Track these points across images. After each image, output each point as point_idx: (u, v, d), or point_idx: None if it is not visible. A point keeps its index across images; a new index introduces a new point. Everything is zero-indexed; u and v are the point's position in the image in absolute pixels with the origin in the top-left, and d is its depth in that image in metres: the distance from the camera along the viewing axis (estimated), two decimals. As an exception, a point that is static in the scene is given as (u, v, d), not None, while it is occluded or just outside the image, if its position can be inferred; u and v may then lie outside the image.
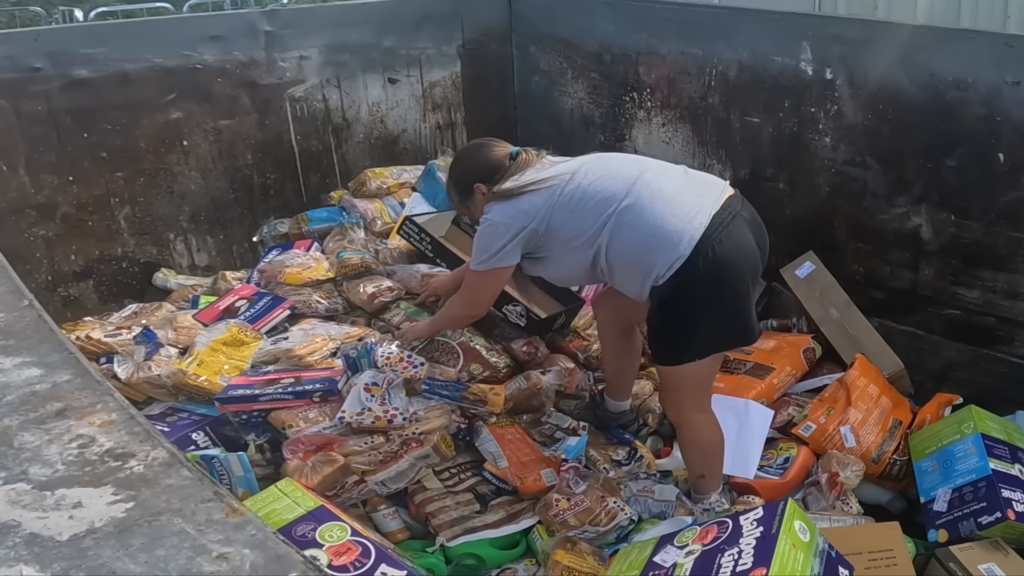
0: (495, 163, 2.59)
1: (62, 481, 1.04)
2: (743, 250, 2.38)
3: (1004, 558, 2.39)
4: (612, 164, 2.53)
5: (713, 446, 2.67)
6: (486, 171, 2.59)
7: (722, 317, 2.43)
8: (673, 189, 2.41)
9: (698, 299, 2.37)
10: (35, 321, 1.43)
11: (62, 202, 3.52)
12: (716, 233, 2.32)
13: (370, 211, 3.75)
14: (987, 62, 3.01)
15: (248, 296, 3.26)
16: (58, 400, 1.20)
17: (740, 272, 2.39)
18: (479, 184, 2.59)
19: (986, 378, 3.24)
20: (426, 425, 2.58)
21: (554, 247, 2.50)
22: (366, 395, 2.58)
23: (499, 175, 2.55)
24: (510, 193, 2.49)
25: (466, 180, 2.64)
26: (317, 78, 4.04)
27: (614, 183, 2.42)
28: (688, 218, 2.34)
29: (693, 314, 2.40)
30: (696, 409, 2.60)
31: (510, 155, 2.59)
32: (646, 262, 2.36)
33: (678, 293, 2.35)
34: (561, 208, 2.44)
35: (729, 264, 2.35)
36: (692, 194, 2.41)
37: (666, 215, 2.35)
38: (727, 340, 2.54)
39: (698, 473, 2.72)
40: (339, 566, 1.97)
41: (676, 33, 3.89)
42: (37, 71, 3.37)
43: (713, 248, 2.31)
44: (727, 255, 2.33)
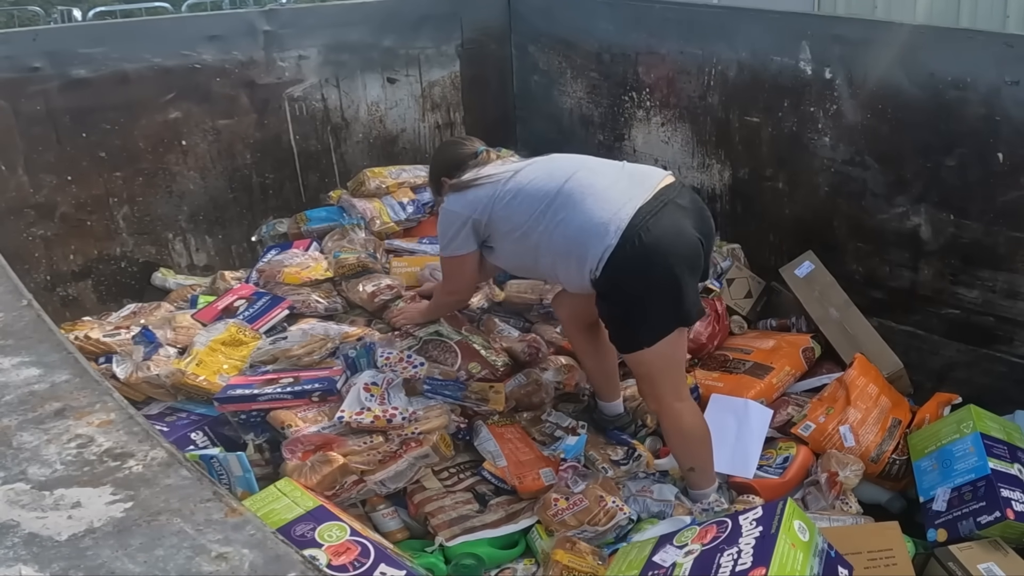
0: (460, 159, 2.80)
1: (61, 481, 1.04)
2: (673, 235, 2.45)
3: (1003, 558, 2.39)
4: (553, 164, 2.67)
5: (697, 434, 2.71)
6: (451, 166, 2.80)
7: (658, 302, 2.49)
8: (604, 184, 2.53)
9: (630, 286, 2.47)
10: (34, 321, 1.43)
11: (61, 202, 3.52)
12: (643, 221, 2.41)
13: (369, 211, 3.75)
14: (986, 62, 3.01)
15: (247, 296, 3.26)
16: (57, 400, 1.20)
17: (670, 257, 2.45)
18: (444, 178, 2.79)
19: (985, 378, 3.23)
20: (425, 425, 2.58)
21: (498, 238, 2.65)
22: (365, 395, 2.58)
23: (461, 171, 2.74)
24: (460, 186, 2.67)
25: (436, 174, 2.89)
26: (316, 78, 4.04)
27: (549, 181, 2.56)
28: (615, 210, 2.44)
29: (629, 301, 2.49)
30: (673, 397, 2.66)
31: (474, 152, 2.81)
32: (578, 254, 2.46)
33: (613, 282, 2.45)
34: (499, 201, 2.59)
35: (657, 250, 2.42)
36: (622, 187, 2.52)
37: (594, 209, 2.46)
38: (667, 324, 2.56)
39: (687, 466, 2.75)
40: (338, 566, 1.97)
41: (675, 33, 3.89)
42: (36, 71, 3.36)
43: (640, 236, 2.39)
44: (655, 241, 2.41)
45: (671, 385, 2.65)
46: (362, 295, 3.21)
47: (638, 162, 4.13)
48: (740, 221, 3.91)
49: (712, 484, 2.74)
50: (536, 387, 2.94)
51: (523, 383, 2.94)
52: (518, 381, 2.95)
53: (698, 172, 3.97)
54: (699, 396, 3.14)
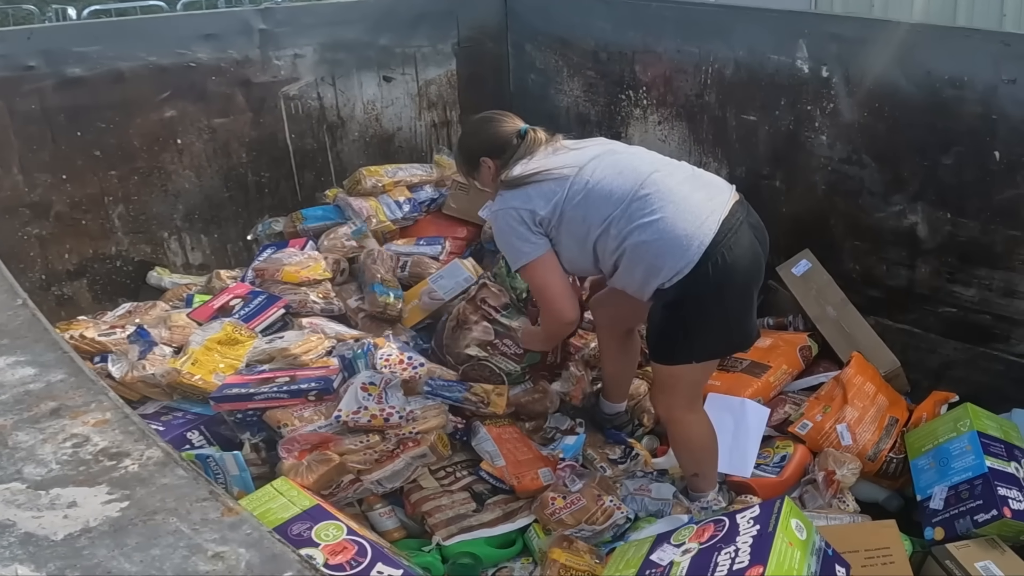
0: (503, 139, 2.56)
1: (57, 480, 1.03)
2: (749, 257, 2.38)
3: (1000, 556, 2.39)
4: (621, 161, 2.48)
5: (704, 445, 2.67)
6: (494, 146, 2.56)
7: (725, 322, 2.43)
8: (684, 190, 2.38)
9: (704, 303, 2.37)
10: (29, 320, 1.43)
11: (56, 201, 3.51)
12: (725, 239, 2.31)
13: (365, 209, 3.75)
14: (983, 60, 3.01)
15: (242, 295, 3.25)
16: (52, 399, 1.19)
17: (746, 278, 2.40)
18: (485, 158, 2.57)
19: (982, 376, 3.23)
20: (423, 424, 2.58)
21: (563, 238, 2.46)
22: (363, 394, 2.57)
23: (507, 153, 2.53)
24: (518, 181, 2.45)
25: (473, 153, 2.62)
26: (312, 76, 4.03)
27: (622, 181, 2.39)
28: (699, 223, 2.32)
29: (697, 317, 2.39)
30: (686, 409, 2.60)
31: (518, 132, 2.56)
32: (654, 264, 2.34)
33: (685, 296, 2.34)
34: (570, 201, 2.40)
35: (737, 270, 2.34)
36: (701, 196, 2.39)
37: (676, 218, 2.32)
38: (727, 345, 2.56)
39: (691, 472, 2.72)
40: (335, 565, 1.97)
41: (672, 31, 3.89)
42: (30, 69, 3.35)
43: (723, 254, 2.30)
44: (735, 262, 2.33)
45: (689, 398, 2.61)
46: None
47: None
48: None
49: (713, 487, 2.74)
50: (542, 395, 2.93)
51: (529, 389, 2.93)
52: (524, 387, 2.94)
53: (695, 171, 3.97)
54: (696, 395, 3.14)
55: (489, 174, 2.58)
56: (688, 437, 2.66)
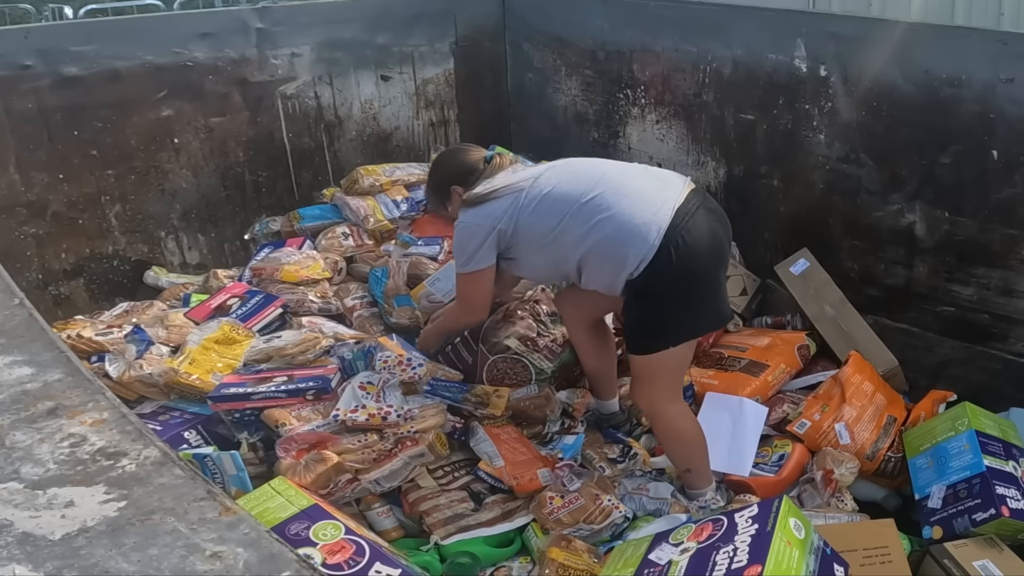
0: (470, 166, 2.71)
1: (54, 480, 1.03)
2: (709, 238, 2.46)
3: (999, 555, 2.39)
4: (574, 167, 2.62)
5: (692, 436, 2.70)
6: (462, 173, 2.70)
7: (696, 303, 2.50)
8: (636, 185, 2.49)
9: (672, 288, 2.44)
10: (26, 320, 1.42)
11: (52, 200, 3.50)
12: (683, 223, 2.40)
13: (363, 209, 3.74)
14: (981, 59, 3.01)
15: (240, 294, 3.25)
16: (49, 399, 1.19)
17: (709, 259, 2.49)
18: (456, 186, 2.70)
19: (981, 375, 3.24)
20: (421, 424, 2.57)
21: (521, 247, 2.58)
22: (361, 393, 2.57)
23: (474, 177, 2.67)
24: (478, 199, 2.58)
25: (444, 183, 2.75)
26: (309, 75, 4.03)
27: (576, 184, 2.51)
28: (655, 210, 2.41)
29: (668, 302, 2.46)
30: (669, 400, 2.64)
31: (484, 159, 2.71)
32: (618, 256, 2.42)
33: (652, 283, 2.42)
34: (524, 209, 2.52)
35: (698, 252, 2.42)
36: (655, 187, 2.49)
37: (632, 209, 2.42)
38: (701, 325, 2.62)
39: (684, 467, 2.74)
40: (333, 564, 1.96)
41: (670, 30, 3.89)
42: (27, 69, 3.35)
43: (682, 237, 2.38)
44: (696, 243, 2.41)
45: (670, 388, 2.64)
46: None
47: (633, 160, 4.16)
48: (735, 218, 3.83)
49: (709, 483, 2.74)
50: (545, 401, 2.91)
51: (533, 394, 2.92)
52: (528, 391, 2.93)
53: (693, 170, 3.97)
54: (695, 394, 3.14)
55: (459, 201, 2.68)
56: (675, 430, 2.68)
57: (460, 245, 2.62)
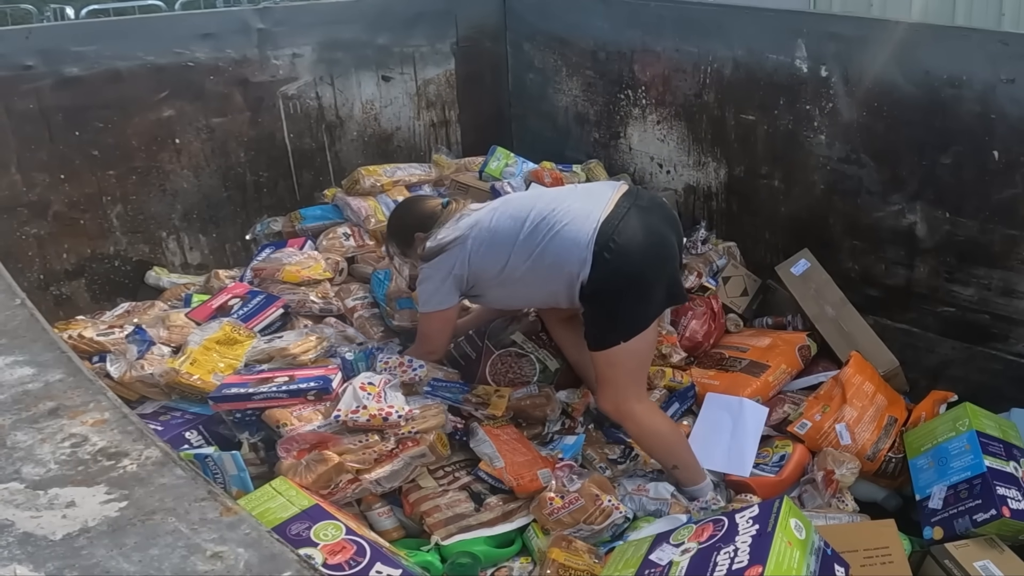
0: (430, 212, 2.87)
1: (55, 480, 1.03)
2: (642, 235, 2.60)
3: (999, 555, 2.39)
4: (510, 204, 2.80)
5: (666, 432, 2.76)
6: (422, 219, 2.86)
7: (637, 298, 2.63)
8: (564, 207, 2.65)
9: (614, 287, 2.59)
10: (27, 320, 1.42)
11: (54, 200, 3.50)
12: (612, 228, 2.55)
13: (364, 209, 3.74)
14: (982, 59, 3.01)
15: (241, 294, 3.25)
16: (51, 399, 1.19)
17: (647, 255, 2.61)
18: (418, 233, 2.84)
19: (981, 375, 3.24)
20: (422, 424, 2.58)
21: (482, 286, 2.77)
22: (362, 393, 2.57)
23: (432, 221, 2.82)
24: (431, 253, 2.75)
25: (407, 231, 2.89)
26: (310, 76, 4.03)
27: (513, 221, 2.68)
28: (581, 226, 2.58)
29: (613, 300, 2.60)
30: (633, 399, 2.70)
31: (441, 204, 2.89)
32: (563, 274, 2.60)
33: (598, 287, 2.57)
34: (475, 255, 2.69)
35: (632, 251, 2.57)
36: (580, 205, 2.65)
37: (565, 231, 2.59)
38: (643, 318, 2.69)
39: (669, 464, 2.77)
40: (334, 565, 1.97)
41: (671, 30, 3.89)
42: (28, 69, 3.35)
43: (613, 241, 2.53)
44: (628, 244, 2.55)
45: (635, 387, 2.72)
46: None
47: (634, 160, 4.18)
48: (736, 219, 3.91)
49: (703, 479, 2.75)
50: (545, 401, 2.93)
51: (533, 394, 2.94)
52: (529, 391, 2.95)
53: (694, 170, 3.98)
54: (695, 394, 3.14)
55: (419, 246, 2.83)
56: (646, 429, 2.74)
57: (422, 290, 2.80)
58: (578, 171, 4.05)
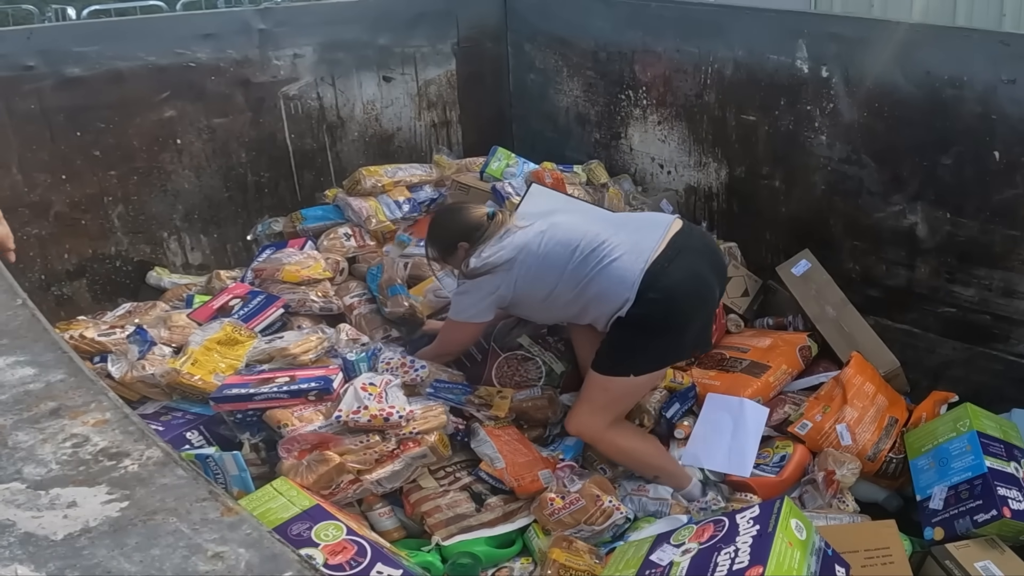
0: (476, 223, 2.81)
1: (56, 480, 1.03)
2: (690, 282, 2.62)
3: (1000, 556, 2.39)
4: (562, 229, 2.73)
5: (634, 449, 2.80)
6: (467, 231, 2.81)
7: (668, 341, 2.66)
8: (615, 239, 2.64)
9: (649, 326, 2.60)
10: (28, 320, 1.42)
11: (55, 201, 3.50)
12: (660, 269, 2.56)
13: (365, 209, 3.74)
14: (983, 60, 3.01)
15: (242, 295, 3.25)
16: (52, 399, 1.19)
17: (687, 302, 2.65)
18: (463, 243, 2.80)
19: (982, 376, 3.24)
20: (423, 425, 2.58)
21: (522, 306, 2.80)
22: (363, 393, 2.57)
23: (479, 233, 2.78)
24: (476, 273, 2.71)
25: (451, 239, 2.84)
26: (311, 76, 4.03)
27: (563, 248, 2.66)
28: (633, 262, 2.58)
29: (643, 336, 2.62)
30: (601, 427, 2.74)
31: (487, 215, 2.83)
32: (607, 305, 2.60)
33: (634, 320, 2.58)
34: (521, 279, 2.68)
35: (676, 296, 2.59)
36: (636, 238, 2.64)
37: (615, 264, 2.59)
38: (666, 360, 2.80)
39: (649, 476, 2.81)
40: (335, 565, 1.97)
41: (672, 31, 3.89)
42: (30, 69, 3.35)
43: (660, 283, 2.54)
44: (674, 288, 2.57)
45: (613, 416, 2.75)
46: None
47: (635, 161, 4.18)
48: (736, 219, 3.91)
49: (689, 481, 2.77)
50: (548, 403, 2.93)
51: (536, 396, 2.93)
52: (531, 393, 2.95)
53: (694, 170, 3.98)
54: (696, 395, 3.14)
55: (463, 257, 2.79)
56: (618, 450, 2.78)
57: (459, 301, 2.80)
58: (579, 171, 4.04)
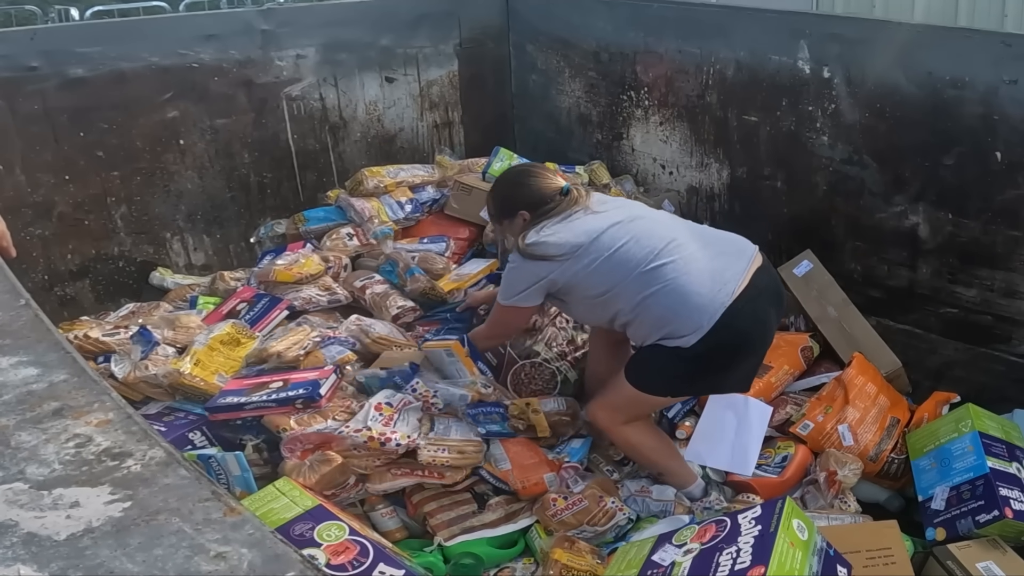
0: (547, 195, 2.61)
1: (59, 481, 1.03)
2: (760, 329, 2.54)
3: (1002, 556, 2.39)
4: (641, 227, 2.54)
5: (650, 446, 2.75)
6: (535, 201, 2.61)
7: (721, 379, 2.60)
8: (700, 262, 2.47)
9: (706, 362, 2.48)
10: (32, 320, 1.42)
11: (58, 201, 3.51)
12: (741, 308, 2.43)
13: (367, 210, 3.74)
14: (984, 61, 3.01)
15: (248, 299, 3.24)
16: (55, 399, 1.19)
17: (751, 345, 2.56)
18: (524, 212, 2.62)
19: (984, 376, 3.24)
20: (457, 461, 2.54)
21: (572, 297, 2.60)
22: (374, 413, 2.54)
23: (547, 207, 2.59)
24: (535, 254, 2.52)
25: (514, 205, 2.66)
26: (314, 77, 4.03)
27: (639, 248, 2.48)
28: (714, 293, 2.42)
29: (690, 368, 2.51)
30: (620, 423, 2.68)
31: (561, 190, 2.61)
32: (667, 327, 2.45)
33: (695, 357, 2.45)
34: (583, 268, 2.49)
35: (744, 339, 2.50)
36: (718, 266, 2.48)
37: (693, 286, 2.42)
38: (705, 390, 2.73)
39: (655, 472, 2.79)
40: (337, 565, 1.97)
41: (673, 32, 3.89)
42: (33, 70, 3.36)
43: (735, 324, 2.42)
44: (745, 332, 2.48)
45: (633, 415, 2.70)
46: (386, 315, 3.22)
47: (636, 162, 4.18)
48: (738, 220, 3.90)
49: (693, 480, 2.76)
50: (571, 419, 2.86)
51: (562, 410, 2.85)
52: (556, 406, 2.86)
53: (696, 171, 3.98)
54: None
55: (521, 226, 2.62)
56: (628, 443, 2.74)
57: (509, 281, 2.61)
58: (581, 172, 4.05)
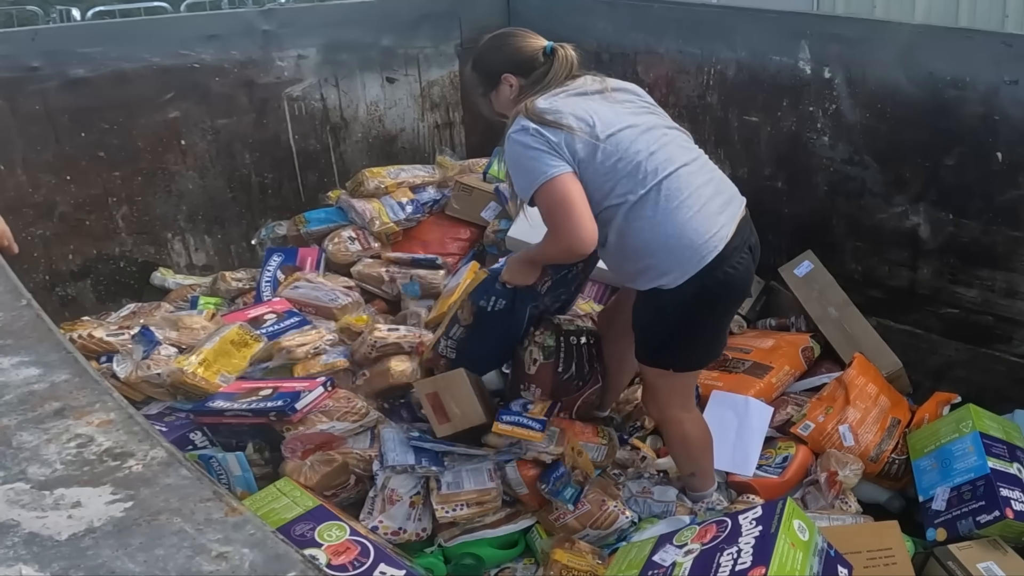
0: (528, 55, 2.39)
1: (61, 481, 1.03)
2: (745, 280, 2.44)
3: (1003, 557, 2.39)
4: (656, 140, 2.33)
5: (700, 443, 2.69)
6: (517, 62, 2.39)
7: (713, 335, 2.52)
8: (704, 194, 2.33)
9: (697, 316, 2.38)
10: (33, 320, 1.43)
11: (60, 201, 3.52)
12: (731, 257, 2.31)
13: (368, 211, 3.74)
14: (985, 61, 3.01)
15: (279, 312, 3.16)
16: (56, 399, 1.19)
17: (737, 298, 2.50)
18: (508, 75, 2.40)
19: (984, 377, 3.23)
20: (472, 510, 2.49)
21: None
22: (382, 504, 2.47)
23: (533, 70, 2.37)
24: (544, 120, 2.24)
25: (494, 69, 2.43)
26: (315, 77, 4.04)
27: (651, 164, 2.27)
28: (708, 235, 2.28)
29: (687, 328, 2.40)
30: (679, 407, 2.62)
31: (544, 50, 2.38)
32: (648, 262, 2.30)
33: (678, 304, 2.32)
34: (591, 164, 2.24)
35: (732, 288, 2.40)
36: (717, 205, 2.34)
37: (686, 224, 2.26)
38: (704, 359, 2.60)
39: (688, 471, 2.73)
40: (338, 565, 1.97)
41: (674, 32, 3.89)
42: (34, 70, 3.36)
43: (725, 272, 2.31)
44: (733, 281, 2.35)
45: (680, 399, 2.62)
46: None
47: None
48: (739, 220, 3.90)
49: (712, 485, 2.74)
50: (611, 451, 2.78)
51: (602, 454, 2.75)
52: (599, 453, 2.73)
53: (697, 171, 3.97)
54: (699, 395, 3.13)
55: (509, 93, 2.40)
56: (685, 436, 2.66)
57: (517, 160, 2.25)
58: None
